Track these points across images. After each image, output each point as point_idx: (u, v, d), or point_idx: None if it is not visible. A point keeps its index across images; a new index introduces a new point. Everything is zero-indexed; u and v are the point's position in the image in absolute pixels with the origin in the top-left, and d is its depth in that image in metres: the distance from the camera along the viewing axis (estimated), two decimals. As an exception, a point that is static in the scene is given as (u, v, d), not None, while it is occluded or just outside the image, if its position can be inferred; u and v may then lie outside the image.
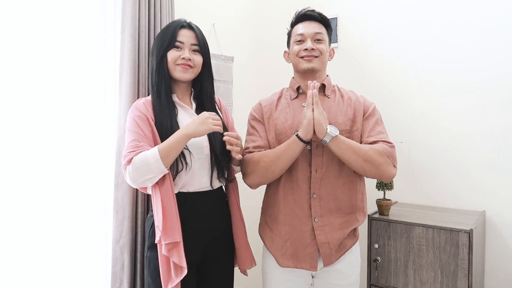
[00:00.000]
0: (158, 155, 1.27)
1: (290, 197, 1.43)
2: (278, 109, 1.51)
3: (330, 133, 1.31)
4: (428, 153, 2.07)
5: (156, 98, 1.40)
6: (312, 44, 1.43)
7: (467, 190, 1.96)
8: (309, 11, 1.48)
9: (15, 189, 1.44)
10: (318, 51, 1.44)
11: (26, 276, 1.46)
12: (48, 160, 1.52)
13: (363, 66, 2.27)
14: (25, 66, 1.45)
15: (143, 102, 1.42)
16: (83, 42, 1.62)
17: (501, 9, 1.85)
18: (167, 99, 1.40)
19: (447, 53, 2.00)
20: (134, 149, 1.31)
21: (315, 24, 1.47)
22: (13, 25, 1.42)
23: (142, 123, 1.35)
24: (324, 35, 1.48)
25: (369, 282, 1.86)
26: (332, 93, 1.52)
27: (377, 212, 1.90)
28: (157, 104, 1.39)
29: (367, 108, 1.48)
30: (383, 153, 1.36)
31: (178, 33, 1.42)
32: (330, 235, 1.40)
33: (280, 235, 1.45)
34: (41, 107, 1.50)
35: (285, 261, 1.44)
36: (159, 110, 1.38)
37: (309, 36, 1.45)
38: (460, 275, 1.63)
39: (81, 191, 1.62)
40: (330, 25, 1.52)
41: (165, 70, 1.41)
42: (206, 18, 2.18)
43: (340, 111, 1.45)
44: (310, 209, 1.41)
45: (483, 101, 1.91)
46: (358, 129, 1.44)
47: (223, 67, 2.26)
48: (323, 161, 1.41)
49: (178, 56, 1.40)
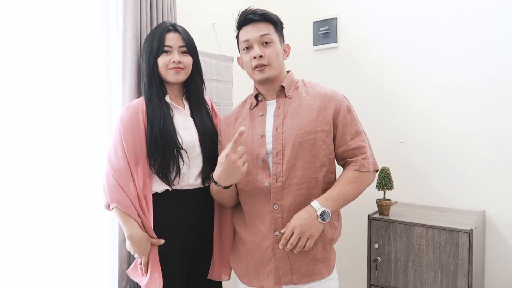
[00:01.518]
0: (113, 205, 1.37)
1: (251, 211, 1.36)
2: (237, 122, 1.42)
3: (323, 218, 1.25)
4: (428, 153, 2.07)
5: (148, 101, 1.45)
6: (259, 49, 1.30)
7: (467, 190, 1.96)
8: (250, 14, 1.32)
9: (20, 190, 1.44)
10: (267, 59, 1.30)
11: (34, 276, 1.46)
12: (53, 161, 1.52)
13: (363, 66, 2.27)
14: (28, 68, 1.45)
15: (137, 104, 1.45)
16: (85, 42, 1.61)
17: (501, 8, 1.85)
18: (160, 101, 1.44)
19: (447, 53, 2.00)
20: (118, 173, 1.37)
21: (260, 25, 1.32)
22: (15, 27, 1.42)
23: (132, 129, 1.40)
24: (272, 35, 1.32)
25: (369, 282, 1.86)
26: (295, 91, 1.37)
27: (377, 212, 1.90)
28: (150, 107, 1.43)
29: (338, 106, 1.33)
30: (362, 177, 1.33)
31: (165, 37, 1.45)
32: (291, 250, 1.27)
33: (244, 254, 1.38)
34: (44, 108, 1.50)
35: (252, 281, 1.36)
36: (152, 114, 1.41)
37: (255, 41, 1.31)
38: (460, 275, 1.63)
39: (87, 191, 1.62)
40: (277, 20, 1.35)
41: (155, 75, 1.46)
42: (206, 18, 2.18)
43: (302, 112, 1.31)
44: (271, 222, 1.30)
45: (483, 101, 1.91)
46: (322, 130, 1.30)
47: (223, 67, 2.26)
48: (284, 169, 1.29)
49: (168, 61, 1.44)
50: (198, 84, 1.55)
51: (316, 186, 1.31)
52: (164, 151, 1.39)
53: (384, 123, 2.20)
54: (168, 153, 1.39)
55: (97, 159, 1.64)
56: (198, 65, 1.55)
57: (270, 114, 1.36)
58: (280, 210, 1.29)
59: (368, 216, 1.88)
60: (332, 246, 1.39)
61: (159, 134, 1.38)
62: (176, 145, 1.40)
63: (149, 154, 1.40)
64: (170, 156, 1.39)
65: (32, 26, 1.46)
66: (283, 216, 1.29)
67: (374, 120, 2.21)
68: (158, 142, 1.38)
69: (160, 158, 1.39)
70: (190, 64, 1.50)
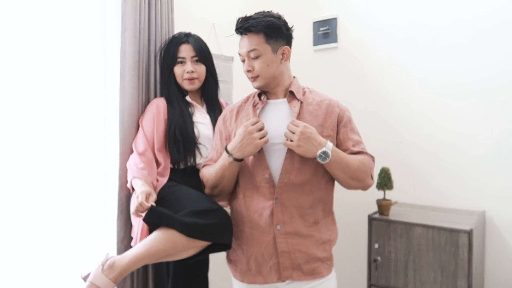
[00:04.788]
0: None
1: (250, 205, 1.36)
2: (239, 116, 1.43)
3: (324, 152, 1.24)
4: (428, 153, 2.07)
5: (168, 101, 1.63)
6: (248, 64, 1.35)
7: (467, 190, 1.96)
8: (239, 27, 1.35)
9: (19, 191, 1.44)
10: (256, 72, 1.35)
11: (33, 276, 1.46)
12: (52, 162, 1.53)
13: (363, 66, 2.27)
14: (27, 68, 1.45)
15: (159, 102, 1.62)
16: (83, 42, 1.62)
17: (500, 8, 1.85)
18: (179, 101, 1.62)
19: (447, 53, 2.00)
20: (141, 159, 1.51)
21: (248, 38, 1.34)
22: (13, 27, 1.42)
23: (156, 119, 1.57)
24: (260, 48, 1.32)
25: (369, 282, 1.86)
26: (303, 96, 1.40)
27: (377, 212, 1.90)
28: (170, 106, 1.61)
29: (342, 114, 1.38)
30: (367, 167, 1.33)
31: (178, 49, 1.62)
32: (292, 244, 1.31)
33: (244, 251, 1.37)
34: (43, 109, 1.50)
35: (254, 278, 1.35)
36: (172, 112, 1.59)
37: (245, 55, 1.36)
38: (460, 275, 1.63)
39: (86, 192, 1.63)
40: (268, 28, 1.32)
41: (173, 83, 1.65)
42: (206, 18, 2.18)
43: (310, 117, 1.35)
44: (272, 216, 1.32)
45: (483, 101, 1.91)
46: (329, 135, 1.34)
47: (223, 67, 2.26)
48: (293, 167, 1.31)
49: (183, 71, 1.61)
50: (212, 87, 1.72)
51: (316, 182, 1.34)
52: (183, 145, 1.54)
53: (384, 123, 2.20)
54: (186, 147, 1.55)
55: (94, 160, 1.65)
56: (212, 71, 1.71)
57: (273, 112, 1.39)
58: (280, 204, 1.32)
59: (368, 216, 1.87)
60: (331, 248, 1.40)
61: (179, 129, 1.54)
62: (194, 140, 1.56)
63: (169, 147, 1.55)
64: (187, 149, 1.55)
65: (29, 26, 1.46)
66: (282, 210, 1.31)
67: (374, 120, 2.21)
68: (176, 137, 1.54)
69: (177, 151, 1.54)
70: (203, 71, 1.66)
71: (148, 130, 1.56)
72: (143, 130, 1.57)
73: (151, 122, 1.57)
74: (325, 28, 2.39)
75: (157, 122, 1.56)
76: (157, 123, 1.56)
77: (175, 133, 1.54)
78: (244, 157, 1.31)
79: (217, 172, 1.37)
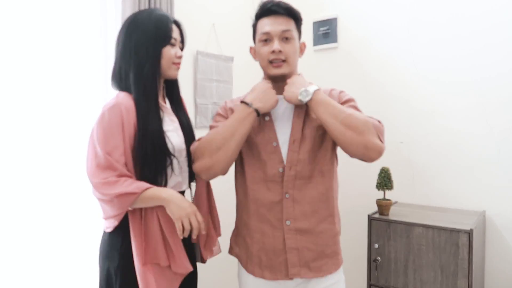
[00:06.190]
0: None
1: (258, 198, 1.30)
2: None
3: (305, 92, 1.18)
4: (428, 153, 2.07)
5: (143, 100, 1.20)
6: (279, 44, 1.26)
7: (467, 190, 1.96)
8: (274, 5, 1.26)
9: (19, 191, 1.44)
10: (285, 55, 1.27)
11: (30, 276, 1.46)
12: (52, 162, 1.52)
13: (363, 66, 2.27)
14: (27, 68, 1.45)
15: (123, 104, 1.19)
16: (84, 42, 1.62)
17: (500, 7, 1.85)
18: (155, 101, 1.23)
19: (447, 53, 2.00)
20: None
21: (282, 19, 1.27)
22: (13, 26, 1.42)
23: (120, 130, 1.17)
24: (293, 31, 1.29)
25: (369, 282, 1.86)
26: None
27: (377, 212, 1.90)
28: (141, 110, 1.20)
29: (340, 95, 1.33)
30: (368, 121, 1.19)
31: (172, 28, 1.27)
32: (301, 241, 1.26)
33: (253, 242, 1.32)
34: (43, 109, 1.50)
35: (261, 272, 1.31)
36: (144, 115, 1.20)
37: (276, 35, 1.26)
38: (460, 275, 1.62)
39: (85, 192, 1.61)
40: (299, 17, 1.31)
41: (158, 70, 1.24)
42: (206, 18, 2.18)
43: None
44: (282, 211, 1.27)
45: (483, 101, 1.91)
46: None
47: (223, 67, 2.26)
48: (299, 158, 1.27)
49: (174, 54, 1.27)
50: (178, 82, 1.39)
51: (323, 177, 1.30)
52: (154, 159, 1.20)
53: (384, 123, 2.19)
54: (158, 163, 1.21)
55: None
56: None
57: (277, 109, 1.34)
58: (292, 199, 1.28)
59: (368, 216, 1.87)
60: (338, 239, 1.37)
61: (156, 143, 1.20)
62: (169, 156, 1.23)
63: (138, 166, 1.18)
64: (160, 168, 1.21)
65: (29, 24, 1.46)
66: (294, 205, 1.27)
67: (374, 120, 2.21)
68: (148, 152, 1.18)
69: (150, 171, 1.19)
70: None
71: (116, 145, 1.15)
72: (105, 148, 1.15)
73: (119, 134, 1.16)
74: (325, 28, 2.39)
75: (128, 134, 1.17)
76: (128, 135, 1.17)
77: (147, 147, 1.17)
78: (264, 109, 1.23)
79: (226, 128, 1.22)
